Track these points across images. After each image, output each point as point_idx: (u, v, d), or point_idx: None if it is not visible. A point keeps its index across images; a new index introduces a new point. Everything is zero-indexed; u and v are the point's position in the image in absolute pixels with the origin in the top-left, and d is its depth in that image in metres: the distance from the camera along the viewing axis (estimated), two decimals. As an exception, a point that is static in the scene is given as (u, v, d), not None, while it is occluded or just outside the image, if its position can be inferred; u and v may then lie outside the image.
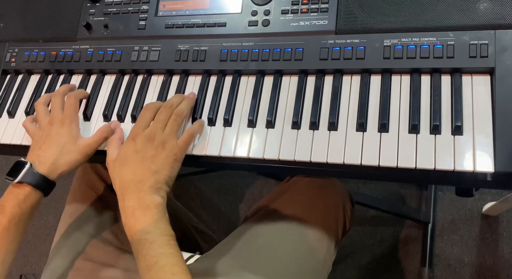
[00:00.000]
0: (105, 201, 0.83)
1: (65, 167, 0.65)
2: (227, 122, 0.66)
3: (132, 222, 0.57)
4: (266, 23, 0.69)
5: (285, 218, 0.72)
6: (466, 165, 0.54)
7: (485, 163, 0.54)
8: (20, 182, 0.62)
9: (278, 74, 0.68)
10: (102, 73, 0.78)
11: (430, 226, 1.27)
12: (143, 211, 0.57)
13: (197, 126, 0.65)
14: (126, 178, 0.60)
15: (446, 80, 0.60)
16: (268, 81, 0.68)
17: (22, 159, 0.65)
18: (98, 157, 0.69)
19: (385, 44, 0.62)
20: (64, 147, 0.66)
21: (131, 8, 0.77)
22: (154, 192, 0.59)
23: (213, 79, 0.71)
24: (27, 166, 0.63)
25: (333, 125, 0.61)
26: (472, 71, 0.59)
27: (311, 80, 0.66)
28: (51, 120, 0.68)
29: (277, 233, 0.71)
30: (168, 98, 0.72)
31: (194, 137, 0.65)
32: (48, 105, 0.72)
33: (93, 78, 0.78)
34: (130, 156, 0.61)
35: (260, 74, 0.68)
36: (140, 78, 0.75)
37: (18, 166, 0.63)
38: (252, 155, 0.63)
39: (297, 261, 0.69)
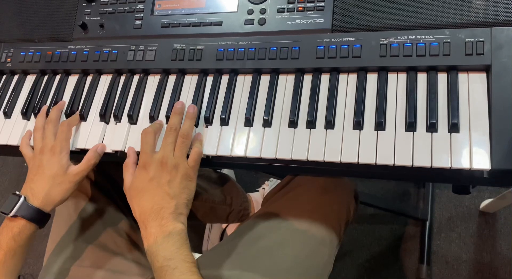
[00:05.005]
0: (96, 203, 0.82)
1: (58, 198, 0.66)
2: (224, 121, 0.66)
3: (155, 249, 0.58)
4: (262, 22, 0.69)
5: (287, 221, 0.71)
6: (463, 163, 0.54)
7: (481, 161, 0.54)
8: (14, 216, 0.63)
9: (275, 73, 0.67)
10: (99, 73, 0.77)
11: (428, 223, 1.27)
12: (166, 238, 0.58)
13: (200, 144, 0.66)
14: (146, 206, 0.61)
15: (442, 78, 0.60)
16: (265, 80, 0.68)
17: (17, 192, 0.65)
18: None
19: (381, 42, 0.62)
20: (55, 178, 0.66)
21: (127, 8, 0.77)
22: (176, 219, 0.60)
23: (209, 78, 0.71)
24: (21, 200, 0.64)
25: (330, 124, 0.61)
26: (469, 69, 0.59)
27: (307, 79, 0.66)
28: (42, 148, 0.68)
29: (279, 236, 0.70)
30: (164, 98, 0.72)
31: (201, 154, 0.65)
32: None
33: (89, 78, 0.78)
34: (146, 184, 0.62)
35: (257, 73, 0.68)
36: (136, 78, 0.75)
37: (12, 200, 0.64)
38: (249, 154, 0.63)
39: (299, 265, 0.68)
